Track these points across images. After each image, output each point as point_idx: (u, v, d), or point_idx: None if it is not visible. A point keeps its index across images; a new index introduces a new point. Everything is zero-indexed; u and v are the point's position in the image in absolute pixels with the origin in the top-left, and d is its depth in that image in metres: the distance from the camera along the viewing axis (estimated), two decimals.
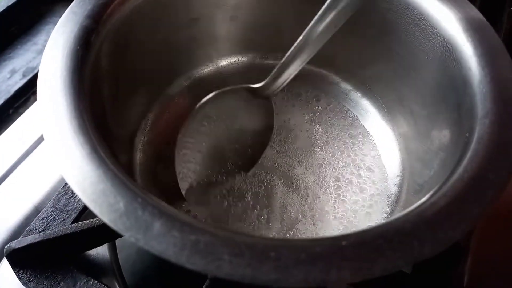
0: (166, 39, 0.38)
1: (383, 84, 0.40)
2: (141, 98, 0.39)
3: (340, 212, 0.36)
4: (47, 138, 0.23)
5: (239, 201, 0.37)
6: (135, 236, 0.19)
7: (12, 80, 0.47)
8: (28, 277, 0.31)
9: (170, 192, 0.37)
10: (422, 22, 0.33)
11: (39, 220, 0.35)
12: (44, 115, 0.24)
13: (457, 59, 0.30)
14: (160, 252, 0.19)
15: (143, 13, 0.34)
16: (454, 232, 0.20)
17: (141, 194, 0.21)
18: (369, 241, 0.20)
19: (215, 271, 0.18)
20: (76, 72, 0.26)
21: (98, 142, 0.23)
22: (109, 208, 0.20)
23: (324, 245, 0.20)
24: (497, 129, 0.25)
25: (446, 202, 0.22)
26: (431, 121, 0.34)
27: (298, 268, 0.19)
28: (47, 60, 0.26)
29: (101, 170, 0.22)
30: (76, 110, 0.24)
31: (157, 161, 0.38)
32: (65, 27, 0.28)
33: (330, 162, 0.40)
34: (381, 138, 0.41)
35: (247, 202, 0.37)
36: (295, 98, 0.44)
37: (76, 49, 0.27)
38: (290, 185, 0.38)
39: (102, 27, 0.29)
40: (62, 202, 0.36)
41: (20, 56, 0.50)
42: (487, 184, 0.22)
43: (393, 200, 0.37)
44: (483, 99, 0.26)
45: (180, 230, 0.19)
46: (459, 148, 0.26)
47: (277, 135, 0.42)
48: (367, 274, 0.19)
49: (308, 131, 0.42)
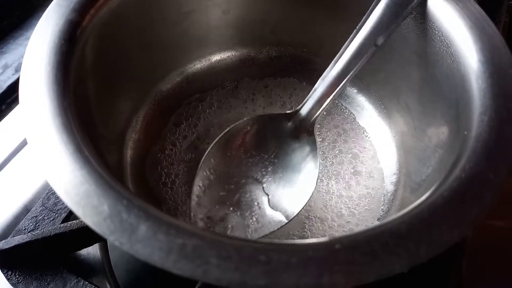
0: (156, 34, 0.37)
1: (379, 80, 0.40)
2: (130, 95, 0.38)
3: (334, 211, 0.36)
4: (29, 136, 0.22)
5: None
6: (119, 240, 0.19)
7: (4, 76, 0.46)
8: (17, 278, 0.31)
9: (160, 193, 0.36)
10: (419, 16, 0.32)
11: (28, 219, 0.34)
12: (26, 112, 0.23)
13: (455, 54, 0.29)
14: (146, 256, 0.18)
15: (132, 7, 0.33)
16: (451, 234, 0.20)
17: (126, 195, 0.20)
18: (364, 244, 0.19)
19: (202, 276, 0.18)
20: (60, 67, 0.25)
21: (83, 141, 0.22)
22: (92, 211, 0.20)
23: (317, 249, 0.19)
24: (496, 126, 0.24)
25: (443, 203, 0.21)
26: (428, 117, 0.34)
27: (289, 272, 0.18)
28: (30, 55, 0.25)
29: (85, 170, 0.21)
30: (60, 107, 0.23)
31: (148, 160, 0.38)
32: (50, 20, 0.27)
33: (325, 159, 0.39)
34: (377, 135, 0.40)
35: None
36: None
37: (61, 43, 0.26)
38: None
39: (88, 21, 0.28)
40: (52, 201, 0.35)
41: (13, 51, 0.49)
42: (486, 184, 0.22)
43: (390, 198, 0.36)
44: (482, 95, 0.26)
45: (166, 234, 0.19)
46: (457, 145, 0.25)
47: None
48: (361, 279, 0.18)
49: None
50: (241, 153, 0.34)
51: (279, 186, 0.34)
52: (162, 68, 0.41)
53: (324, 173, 0.38)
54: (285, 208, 0.33)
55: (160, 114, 0.40)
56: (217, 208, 0.32)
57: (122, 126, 0.37)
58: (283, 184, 0.34)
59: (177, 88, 0.42)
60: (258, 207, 0.33)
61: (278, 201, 0.33)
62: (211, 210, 0.32)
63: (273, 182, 0.34)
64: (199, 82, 0.42)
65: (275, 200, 0.33)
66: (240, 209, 0.32)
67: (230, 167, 0.34)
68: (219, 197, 0.33)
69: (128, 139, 0.37)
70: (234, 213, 0.32)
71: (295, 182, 0.34)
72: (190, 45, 0.41)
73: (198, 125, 0.41)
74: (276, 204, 0.33)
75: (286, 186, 0.34)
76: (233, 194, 0.33)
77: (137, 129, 0.38)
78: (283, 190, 0.33)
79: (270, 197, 0.33)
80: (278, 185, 0.34)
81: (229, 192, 0.33)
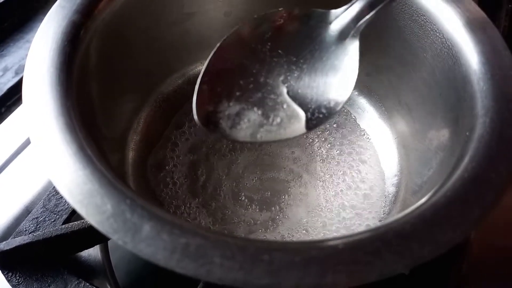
0: (159, 35, 0.37)
1: (380, 82, 0.40)
2: (132, 96, 0.38)
3: (335, 212, 0.36)
4: (33, 136, 0.22)
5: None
6: (123, 239, 0.19)
7: (4, 78, 0.46)
8: (18, 280, 0.30)
9: (162, 193, 0.36)
10: (420, 18, 0.32)
11: (29, 220, 0.34)
12: (30, 113, 0.23)
13: (457, 56, 0.29)
14: (149, 256, 0.18)
15: (134, 8, 0.33)
16: (454, 234, 0.20)
17: (130, 195, 0.20)
18: (366, 244, 0.19)
19: (205, 275, 0.17)
20: (63, 68, 0.25)
21: (85, 141, 0.22)
22: (96, 210, 0.20)
23: (319, 248, 0.19)
24: (498, 128, 0.24)
25: (446, 203, 0.21)
26: (429, 119, 0.34)
27: (292, 272, 0.18)
28: (34, 55, 0.25)
29: (88, 170, 0.21)
30: (63, 107, 0.23)
31: (150, 161, 0.38)
32: (52, 21, 0.27)
33: (326, 161, 0.39)
34: (378, 136, 0.40)
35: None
36: None
37: (64, 44, 0.26)
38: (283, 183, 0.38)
39: (91, 22, 0.28)
40: (53, 202, 0.35)
41: (13, 54, 0.49)
42: (488, 184, 0.22)
43: (391, 200, 0.36)
44: (483, 97, 0.26)
45: (170, 233, 0.19)
46: (458, 147, 0.25)
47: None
48: (364, 278, 0.18)
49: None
50: (266, 49, 0.29)
51: (305, 95, 0.29)
52: (164, 69, 0.41)
53: (324, 174, 0.38)
54: (308, 115, 0.28)
55: (162, 115, 0.40)
56: (225, 102, 0.28)
57: (124, 127, 0.37)
58: (310, 92, 0.29)
59: (179, 89, 0.42)
60: (278, 108, 0.28)
61: (301, 106, 0.29)
62: (219, 104, 0.28)
63: (298, 88, 0.29)
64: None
65: (297, 106, 0.29)
66: (255, 106, 0.28)
67: (249, 60, 0.29)
68: (230, 92, 0.28)
69: (130, 140, 0.38)
70: (247, 110, 0.28)
71: (326, 91, 0.29)
72: (192, 47, 0.41)
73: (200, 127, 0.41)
74: (297, 110, 0.29)
75: (313, 95, 0.29)
76: (247, 90, 0.29)
77: (138, 130, 0.38)
78: (310, 97, 0.29)
79: (292, 102, 0.29)
80: (304, 94, 0.29)
81: (243, 87, 0.29)
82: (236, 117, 0.28)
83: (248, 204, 0.36)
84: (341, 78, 0.29)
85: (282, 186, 0.38)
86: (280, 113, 0.28)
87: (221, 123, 0.27)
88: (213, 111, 0.28)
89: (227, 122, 0.28)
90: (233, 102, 0.28)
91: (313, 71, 0.30)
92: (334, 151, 0.40)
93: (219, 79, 0.29)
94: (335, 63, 0.30)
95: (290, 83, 0.29)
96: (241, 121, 0.28)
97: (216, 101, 0.28)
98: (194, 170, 0.38)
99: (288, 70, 0.30)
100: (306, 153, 0.40)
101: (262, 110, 0.28)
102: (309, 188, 0.37)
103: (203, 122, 0.27)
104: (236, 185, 0.37)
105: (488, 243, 0.37)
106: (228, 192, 0.37)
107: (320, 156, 0.39)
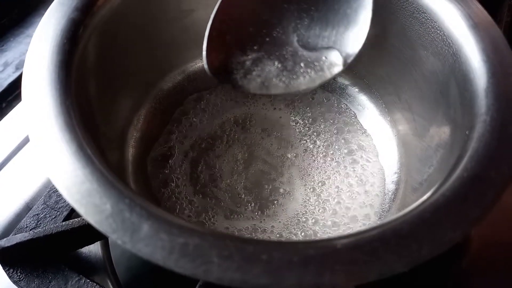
0: (157, 32, 0.37)
1: (381, 79, 0.40)
2: (132, 93, 0.38)
3: (334, 209, 0.36)
4: (32, 134, 0.22)
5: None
6: (121, 239, 0.19)
7: (4, 73, 0.47)
8: (19, 276, 0.31)
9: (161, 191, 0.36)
10: (421, 15, 0.32)
11: (30, 217, 0.34)
12: (29, 111, 0.23)
13: (457, 54, 0.29)
14: (148, 255, 0.18)
15: (133, 5, 0.33)
16: (454, 234, 0.20)
17: (128, 194, 0.20)
18: (365, 244, 0.19)
19: (203, 275, 0.18)
20: (62, 66, 0.25)
21: (85, 139, 0.22)
22: (94, 209, 0.20)
23: (318, 247, 0.19)
24: (498, 126, 0.24)
25: (445, 202, 0.21)
26: (430, 117, 0.34)
27: (290, 271, 0.18)
28: (33, 53, 0.25)
29: (87, 169, 0.21)
30: (62, 106, 0.23)
31: (149, 158, 0.38)
32: (52, 19, 0.27)
33: (326, 158, 0.39)
34: (378, 134, 0.40)
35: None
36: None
37: (63, 42, 0.26)
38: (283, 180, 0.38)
39: (90, 19, 0.28)
40: (54, 199, 0.35)
41: (13, 49, 0.49)
42: (488, 183, 0.22)
43: (390, 197, 0.36)
44: (484, 95, 0.26)
45: (169, 233, 0.19)
46: (459, 145, 0.25)
47: (271, 131, 0.41)
48: (363, 278, 0.18)
49: (304, 127, 0.41)
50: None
51: (316, 45, 0.29)
52: (163, 66, 0.41)
53: (324, 171, 0.38)
54: (318, 68, 0.28)
55: (161, 112, 0.40)
56: (235, 50, 0.28)
57: (123, 124, 0.37)
58: (320, 42, 0.29)
59: (178, 86, 0.42)
60: (288, 59, 0.28)
61: (312, 58, 0.28)
62: (230, 52, 0.27)
63: (309, 37, 0.29)
64: (200, 81, 0.42)
65: (309, 56, 0.29)
66: (267, 55, 0.28)
67: (260, 7, 0.29)
68: (240, 39, 0.27)
69: (129, 138, 0.37)
70: (259, 60, 0.28)
71: (337, 42, 0.29)
72: (191, 44, 0.41)
73: (199, 123, 0.41)
74: (308, 62, 0.28)
75: (323, 45, 0.29)
76: (258, 38, 0.28)
77: (138, 128, 0.38)
78: (320, 47, 0.29)
79: (303, 52, 0.29)
80: (315, 43, 0.29)
81: (254, 35, 0.28)
82: (248, 66, 0.27)
83: (247, 202, 0.36)
84: (352, 28, 0.29)
85: (281, 183, 0.38)
86: (290, 63, 0.28)
87: (233, 72, 0.27)
88: (223, 60, 0.27)
89: (238, 71, 0.27)
90: (244, 50, 0.27)
91: (325, 20, 0.29)
92: (334, 148, 0.39)
93: (228, 25, 0.28)
94: (347, 11, 0.29)
95: (300, 31, 0.29)
96: (253, 71, 0.27)
97: (226, 48, 0.27)
98: (194, 167, 0.38)
99: (299, 18, 0.29)
100: (305, 150, 0.40)
101: (274, 59, 0.28)
102: (309, 185, 0.37)
103: (213, 71, 0.26)
104: (236, 183, 0.38)
105: (488, 239, 0.37)
106: (228, 189, 0.37)
107: (319, 153, 0.39)
